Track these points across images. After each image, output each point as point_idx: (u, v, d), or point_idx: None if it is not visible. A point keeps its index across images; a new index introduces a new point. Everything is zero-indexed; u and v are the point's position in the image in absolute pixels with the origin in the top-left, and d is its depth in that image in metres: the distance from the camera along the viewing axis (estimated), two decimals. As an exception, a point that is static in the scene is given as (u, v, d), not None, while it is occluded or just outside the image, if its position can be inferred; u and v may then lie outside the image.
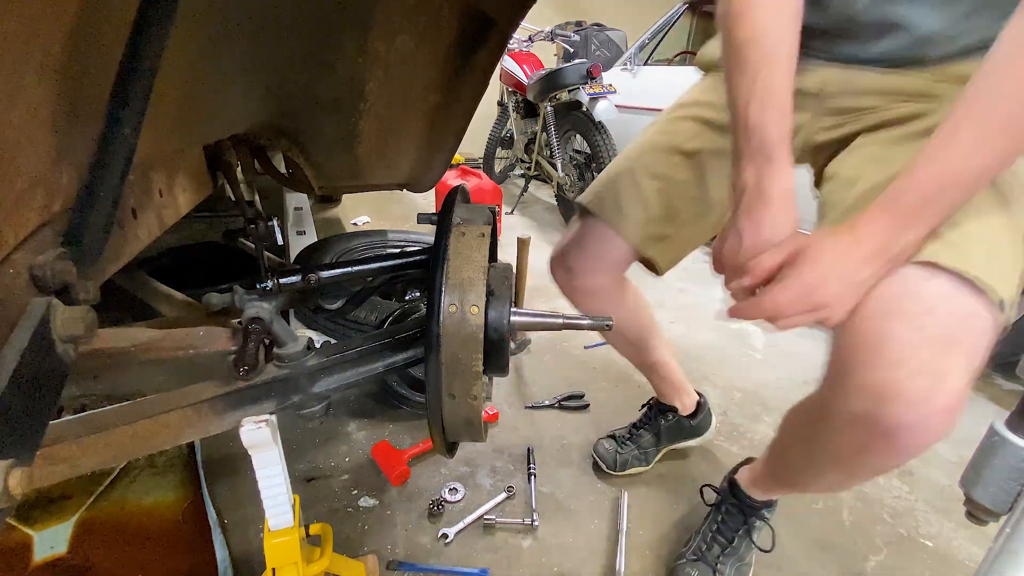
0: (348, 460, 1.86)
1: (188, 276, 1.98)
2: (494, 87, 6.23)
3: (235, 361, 0.96)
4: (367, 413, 2.10)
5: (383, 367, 1.09)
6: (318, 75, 1.15)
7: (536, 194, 6.32)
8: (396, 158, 1.64)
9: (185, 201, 1.05)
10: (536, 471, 1.85)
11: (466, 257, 0.91)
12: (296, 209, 3.41)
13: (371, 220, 4.73)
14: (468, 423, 0.97)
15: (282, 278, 1.17)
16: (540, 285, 3.63)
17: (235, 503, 1.62)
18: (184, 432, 0.95)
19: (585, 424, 2.15)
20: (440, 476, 1.82)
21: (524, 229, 4.98)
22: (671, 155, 1.33)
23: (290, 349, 1.02)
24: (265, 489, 1.01)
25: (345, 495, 1.70)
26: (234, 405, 0.98)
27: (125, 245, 0.77)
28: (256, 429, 0.93)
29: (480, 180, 4.46)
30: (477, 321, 0.87)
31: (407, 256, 1.32)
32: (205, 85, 0.92)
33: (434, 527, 1.61)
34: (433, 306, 0.87)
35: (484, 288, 0.88)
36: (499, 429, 2.09)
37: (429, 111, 1.42)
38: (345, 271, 1.25)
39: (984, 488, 0.98)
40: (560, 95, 4.57)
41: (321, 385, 1.05)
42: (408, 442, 1.95)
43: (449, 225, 0.96)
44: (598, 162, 4.24)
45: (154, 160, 0.90)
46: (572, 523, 1.67)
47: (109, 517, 1.50)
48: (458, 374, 0.89)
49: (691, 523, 1.69)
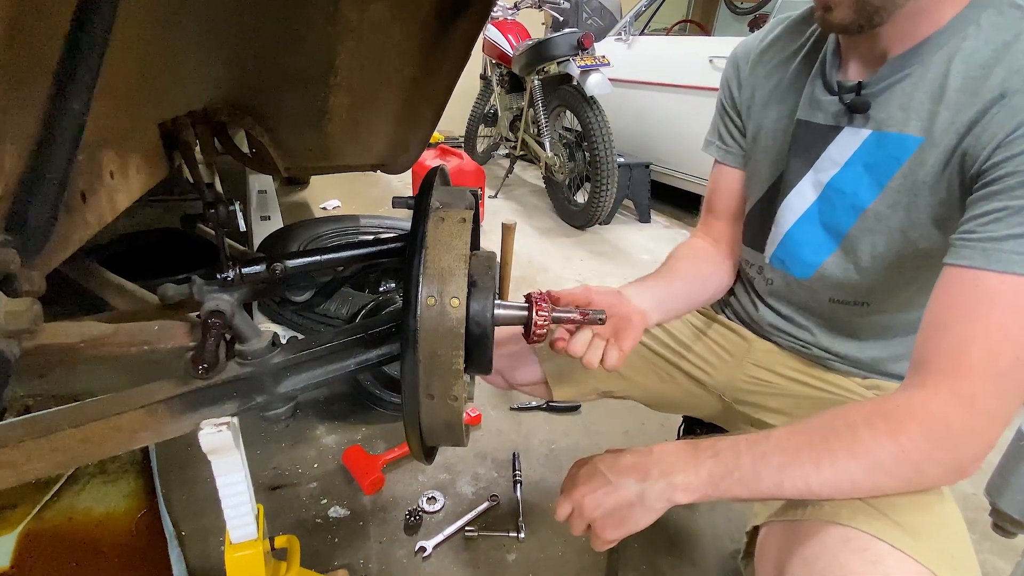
0: (317, 466, 1.86)
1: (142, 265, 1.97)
2: (476, 59, 6.22)
3: (193, 358, 0.96)
4: (338, 415, 2.11)
5: (355, 365, 1.09)
6: (284, 46, 1.14)
7: (522, 176, 6.32)
8: (369, 137, 1.63)
9: (139, 184, 1.05)
10: (522, 478, 1.86)
11: (446, 245, 0.91)
12: (260, 192, 3.40)
13: (342, 204, 4.72)
14: (448, 426, 0.97)
15: (245, 268, 1.17)
16: (526, 275, 3.64)
17: (193, 513, 1.62)
18: (138, 435, 0.94)
19: (575, 427, 2.17)
20: (417, 484, 1.82)
21: (509, 214, 4.99)
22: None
23: (253, 345, 1.01)
24: (226, 498, 1.01)
25: (313, 505, 1.71)
26: (192, 406, 0.98)
27: (73, 232, 0.77)
28: (216, 432, 0.93)
29: (461, 161, 4.46)
30: (458, 314, 0.87)
31: (381, 244, 1.32)
32: (160, 56, 0.92)
33: (411, 540, 1.62)
34: (410, 298, 0.87)
35: (465, 279, 0.88)
36: (482, 432, 2.10)
37: (405, 85, 1.42)
38: (313, 260, 1.24)
39: (1011, 497, 0.99)
40: (548, 68, 4.57)
41: (287, 384, 1.05)
42: (382, 447, 1.95)
43: (427, 210, 0.96)
44: (590, 141, 4.24)
45: (105, 139, 0.90)
46: (562, 535, 1.68)
47: (56, 529, 1.50)
48: (437, 372, 0.90)
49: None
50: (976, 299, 0.86)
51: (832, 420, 0.89)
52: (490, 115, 6.09)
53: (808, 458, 0.86)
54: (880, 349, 1.24)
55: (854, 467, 0.85)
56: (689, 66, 4.73)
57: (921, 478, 0.86)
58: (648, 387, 1.47)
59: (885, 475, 0.85)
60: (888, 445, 0.84)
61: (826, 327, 1.27)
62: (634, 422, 2.25)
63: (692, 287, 1.34)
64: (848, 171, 1.12)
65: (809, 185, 1.18)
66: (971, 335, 0.85)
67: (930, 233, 1.03)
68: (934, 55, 0.97)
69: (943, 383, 0.85)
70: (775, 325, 1.34)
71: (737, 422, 1.42)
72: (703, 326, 1.48)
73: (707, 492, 0.91)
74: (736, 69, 1.33)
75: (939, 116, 0.97)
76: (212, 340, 0.97)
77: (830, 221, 1.16)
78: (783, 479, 0.87)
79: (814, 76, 1.16)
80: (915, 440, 0.83)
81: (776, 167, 1.25)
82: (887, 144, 1.05)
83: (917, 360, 0.91)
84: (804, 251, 1.21)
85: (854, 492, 0.87)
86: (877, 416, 0.86)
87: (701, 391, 1.44)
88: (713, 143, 1.40)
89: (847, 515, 0.88)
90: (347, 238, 3.01)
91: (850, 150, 1.11)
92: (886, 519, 0.86)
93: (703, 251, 1.41)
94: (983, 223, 0.87)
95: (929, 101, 0.98)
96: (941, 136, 0.97)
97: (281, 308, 2.23)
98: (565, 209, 4.91)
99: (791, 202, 1.22)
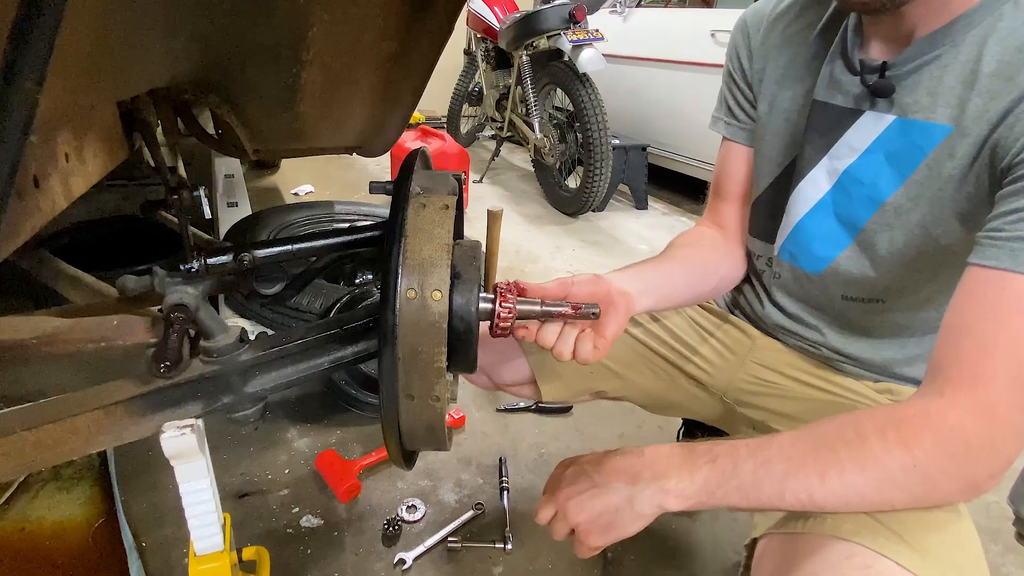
0: (288, 472, 1.86)
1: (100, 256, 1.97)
2: (460, 33, 6.21)
3: (155, 355, 0.96)
4: (310, 417, 2.11)
5: (329, 363, 1.09)
6: (252, 18, 1.14)
7: (509, 159, 6.33)
8: (344, 116, 1.63)
9: (96, 167, 1.04)
10: (509, 485, 1.87)
11: (427, 233, 0.91)
12: (227, 177, 3.38)
13: (315, 190, 4.71)
14: (429, 428, 0.98)
15: (210, 258, 1.17)
16: (514, 266, 3.65)
17: (154, 522, 1.62)
18: (95, 439, 0.94)
19: (566, 430, 2.18)
20: (396, 491, 1.83)
21: (495, 200, 4.99)
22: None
23: (220, 342, 1.02)
24: (190, 506, 1.01)
25: (284, 513, 1.71)
26: (154, 407, 0.98)
27: (25, 219, 0.76)
28: (179, 436, 0.93)
29: (443, 142, 4.45)
30: (440, 308, 0.87)
31: (357, 232, 1.32)
32: (119, 30, 0.92)
33: (389, 552, 1.62)
34: (388, 291, 0.87)
35: (448, 270, 0.89)
36: (466, 436, 2.11)
37: (383, 61, 1.42)
38: (284, 250, 1.25)
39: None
40: (538, 42, 4.57)
41: (256, 384, 1.05)
42: (359, 451, 1.96)
43: (407, 196, 0.96)
44: (582, 121, 4.24)
45: (60, 119, 0.89)
46: (551, 546, 1.68)
47: (7, 538, 1.50)
48: (418, 371, 0.90)
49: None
50: (1001, 302, 0.84)
51: (841, 427, 0.89)
52: (475, 93, 6.08)
53: (813, 468, 0.86)
54: (895, 350, 1.23)
55: (862, 479, 0.84)
56: (689, 40, 4.74)
57: (933, 494, 0.85)
58: (645, 387, 1.47)
59: (895, 489, 0.84)
60: (900, 457, 0.83)
61: (837, 326, 1.27)
62: (630, 425, 2.26)
63: (692, 274, 1.30)
64: (867, 159, 1.10)
65: (823, 173, 1.17)
66: (995, 341, 0.84)
67: (954, 229, 1.03)
68: (966, 35, 0.95)
69: (962, 392, 0.84)
70: (780, 324, 1.34)
71: (739, 426, 1.42)
72: (705, 322, 1.47)
73: (702, 499, 0.91)
74: (746, 37, 1.31)
75: (970, 103, 0.95)
76: (175, 336, 0.97)
77: (845, 213, 1.16)
78: (785, 489, 0.86)
79: (833, 53, 1.13)
80: (929, 453, 0.82)
81: (789, 152, 1.24)
82: (912, 132, 1.03)
83: (935, 365, 0.90)
84: (816, 244, 1.21)
85: (861, 506, 0.86)
86: (890, 425, 0.85)
87: (701, 392, 1.44)
88: (720, 119, 1.38)
89: (850, 530, 0.88)
90: (321, 226, 2.99)
91: (871, 137, 1.09)
92: (893, 535, 0.87)
93: (708, 238, 1.40)
94: (1012, 221, 0.86)
95: (960, 86, 0.96)
96: (972, 125, 0.95)
97: (249, 302, 2.22)
98: (555, 195, 4.92)
99: (803, 191, 1.20)
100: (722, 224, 1.41)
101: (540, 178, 5.11)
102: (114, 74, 1.02)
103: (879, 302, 1.19)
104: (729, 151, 1.37)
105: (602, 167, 4.30)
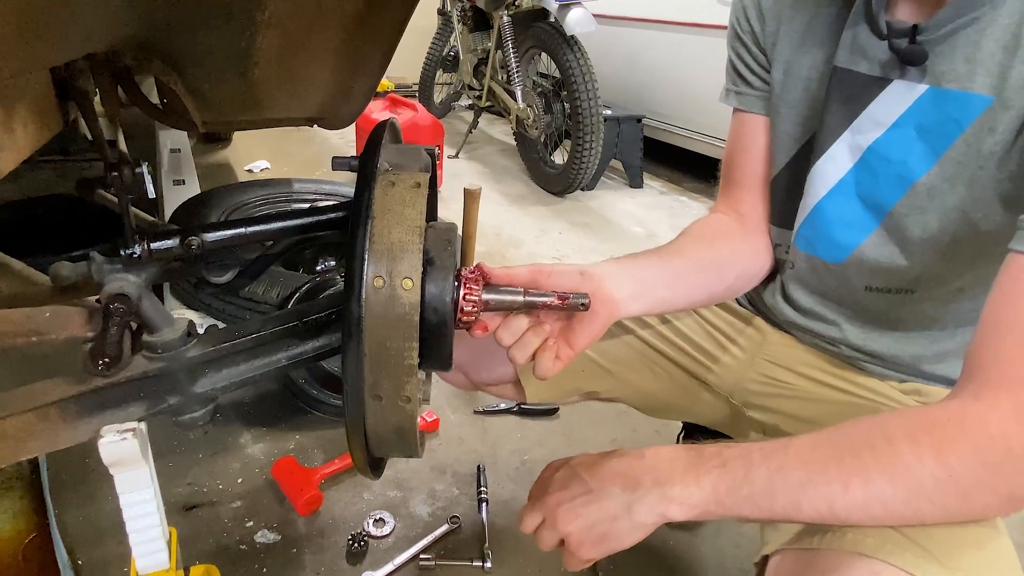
0: (241, 482, 1.86)
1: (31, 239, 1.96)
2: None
3: (92, 351, 0.96)
4: (266, 420, 2.11)
5: (287, 359, 1.09)
6: (200, -27, 1.14)
7: (488, 131, 6.32)
8: (304, 84, 1.63)
9: (27, 141, 1.04)
10: (488, 496, 1.87)
11: (396, 215, 0.91)
12: (173, 151, 3.36)
13: (271, 166, 4.69)
14: (399, 433, 0.98)
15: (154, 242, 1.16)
16: (494, 250, 3.65)
17: (92, 538, 1.62)
18: (25, 445, 0.94)
19: (551, 434, 2.18)
20: (362, 503, 1.83)
21: (473, 177, 4.99)
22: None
23: (165, 336, 1.01)
24: (131, 520, 1.01)
25: (238, 528, 1.71)
26: (91, 409, 0.97)
27: (-56, 199, 0.76)
28: (120, 441, 0.93)
29: (415, 113, 4.45)
30: (411, 299, 0.87)
31: (318, 213, 1.32)
32: (50, -14, 0.91)
33: (355, 570, 1.63)
34: (353, 279, 0.87)
35: (420, 256, 0.88)
36: (440, 441, 2.11)
37: (348, 22, 1.42)
38: (237, 233, 1.24)
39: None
40: (521, 1, 4.56)
41: (205, 383, 1.05)
42: (320, 458, 1.96)
43: (374, 172, 0.95)
44: (570, 89, 4.24)
45: (-18, 87, 0.89)
46: (534, 563, 1.69)
47: (-76, 557, 1.49)
48: (386, 369, 0.90)
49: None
50: None
51: (867, 431, 0.87)
52: (450, 58, 6.07)
53: (836, 476, 0.84)
54: (923, 345, 1.22)
55: (890, 490, 0.82)
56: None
57: (967, 507, 0.83)
58: (640, 386, 1.46)
59: (926, 501, 0.82)
60: (933, 465, 0.81)
61: (858, 321, 1.25)
62: (623, 429, 2.27)
63: (701, 271, 1.26)
64: (896, 134, 1.08)
65: (845, 148, 1.15)
66: None
67: (995, 213, 1.01)
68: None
69: (1004, 395, 0.82)
70: (792, 321, 1.32)
71: (746, 430, 1.41)
72: (709, 314, 1.45)
73: (709, 509, 0.90)
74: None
75: (1013, 71, 0.93)
76: (115, 330, 0.97)
77: (870, 194, 1.14)
78: (802, 498, 0.85)
79: (856, 15, 1.10)
80: (966, 461, 0.80)
81: (809, 126, 1.22)
82: (947, 103, 1.01)
83: (973, 364, 0.88)
84: (836, 230, 1.19)
85: (886, 519, 0.85)
86: (922, 429, 0.84)
87: (704, 392, 1.43)
88: (731, 90, 1.35)
89: (873, 545, 0.87)
90: (278, 207, 2.99)
91: (900, 109, 1.07)
92: (922, 552, 0.86)
93: (722, 227, 1.35)
94: None
95: (1001, 52, 0.94)
96: (1015, 96, 0.93)
97: (198, 291, 2.22)
98: (540, 172, 4.93)
99: (821, 169, 1.18)
100: (739, 210, 1.37)
101: (523, 153, 5.11)
102: (46, 38, 1.01)
103: (909, 292, 1.17)
104: (743, 124, 1.34)
105: (592, 140, 4.30)
